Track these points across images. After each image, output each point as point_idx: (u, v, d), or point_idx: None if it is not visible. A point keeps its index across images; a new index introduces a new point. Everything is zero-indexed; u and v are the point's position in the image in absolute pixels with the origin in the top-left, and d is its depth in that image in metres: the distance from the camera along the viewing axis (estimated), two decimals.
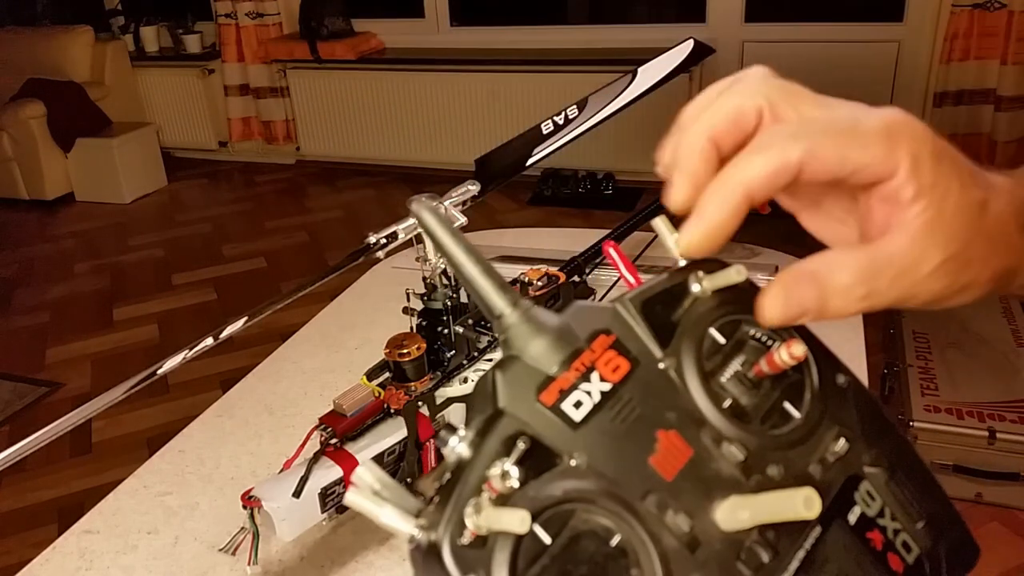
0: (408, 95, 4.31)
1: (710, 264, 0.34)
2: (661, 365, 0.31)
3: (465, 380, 0.89)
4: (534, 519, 0.27)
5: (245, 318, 0.78)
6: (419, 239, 0.87)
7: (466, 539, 0.26)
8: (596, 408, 0.29)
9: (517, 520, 0.26)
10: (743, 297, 0.33)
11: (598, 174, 4.05)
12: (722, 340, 0.33)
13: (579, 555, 0.27)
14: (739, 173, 0.31)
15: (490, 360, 0.91)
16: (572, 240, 1.25)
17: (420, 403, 0.85)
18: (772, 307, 0.31)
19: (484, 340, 0.91)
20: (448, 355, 0.89)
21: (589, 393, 0.30)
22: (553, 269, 1.01)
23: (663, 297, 0.33)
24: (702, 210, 0.31)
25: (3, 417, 2.64)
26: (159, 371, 0.73)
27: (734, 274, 0.33)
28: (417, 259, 0.88)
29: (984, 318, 2.31)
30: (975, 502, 1.98)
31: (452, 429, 0.28)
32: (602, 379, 0.30)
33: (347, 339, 1.31)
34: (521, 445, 0.28)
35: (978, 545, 0.35)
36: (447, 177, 1.65)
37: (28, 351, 3.05)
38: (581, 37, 4.19)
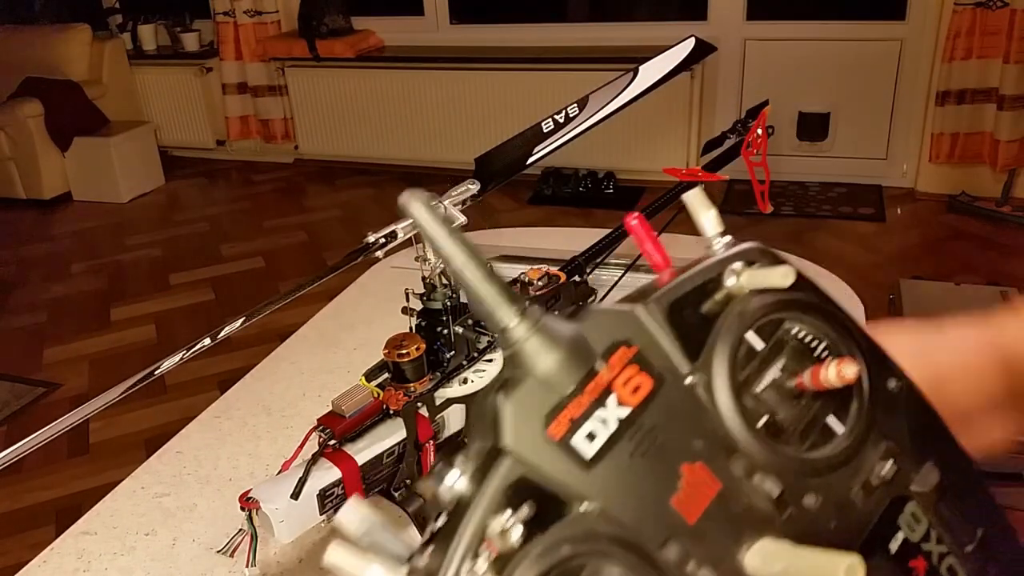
0: (407, 93, 4.30)
1: (751, 253, 0.30)
2: (688, 381, 0.27)
3: (465, 381, 0.88)
4: None
5: (243, 318, 0.77)
6: (418, 238, 0.86)
7: None
8: (612, 440, 0.26)
9: None
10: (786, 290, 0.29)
11: (599, 173, 4.04)
12: (759, 345, 0.29)
13: None
14: None
15: (490, 360, 0.90)
16: (572, 239, 1.25)
17: (419, 404, 0.84)
18: None
19: (484, 340, 0.91)
20: (448, 355, 0.88)
21: (604, 421, 0.26)
22: (553, 269, 1.00)
23: (693, 297, 0.28)
24: None
25: (1, 418, 2.63)
26: (157, 371, 0.72)
27: (779, 277, 0.28)
28: (416, 259, 0.87)
29: None
30: None
31: (448, 463, 0.25)
32: (620, 403, 0.26)
33: (346, 339, 1.30)
34: (526, 509, 0.24)
35: None
36: (447, 176, 1.64)
37: (25, 351, 3.04)
38: (582, 35, 4.18)
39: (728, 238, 0.30)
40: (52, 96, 4.36)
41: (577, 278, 1.02)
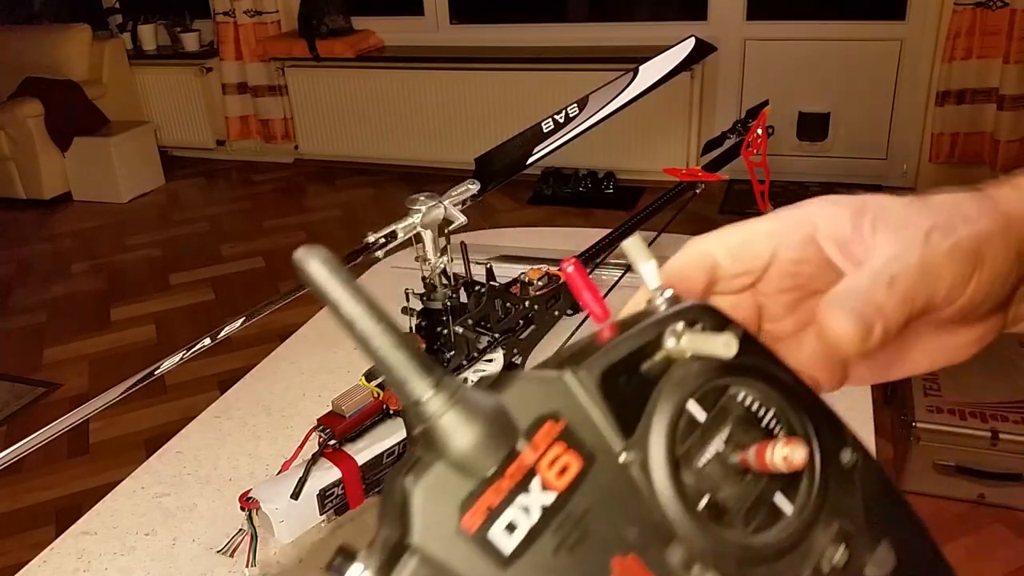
0: (407, 93, 4.30)
1: (693, 312, 0.27)
2: (622, 459, 0.25)
3: (465, 381, 0.88)
4: None
5: (243, 318, 0.77)
6: (418, 239, 0.86)
7: None
8: (535, 531, 0.23)
9: None
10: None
11: (599, 173, 4.04)
12: (701, 415, 0.26)
13: None
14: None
15: (490, 360, 0.90)
16: (572, 239, 1.25)
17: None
18: (847, 331, 0.27)
19: (484, 340, 0.91)
20: (448, 355, 0.88)
21: (527, 509, 0.23)
22: (553, 269, 1.00)
23: (630, 362, 0.26)
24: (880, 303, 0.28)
25: (1, 418, 2.63)
26: (157, 371, 0.72)
27: (721, 346, 0.25)
28: (416, 259, 0.87)
29: None
30: (978, 503, 1.97)
31: (350, 556, 0.22)
32: (544, 487, 0.23)
33: (346, 339, 1.29)
34: None
35: None
36: (447, 176, 1.64)
37: (25, 351, 3.04)
38: (581, 35, 4.18)
39: (670, 293, 0.28)
40: (52, 96, 4.36)
41: None
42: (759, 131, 1.27)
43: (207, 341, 0.74)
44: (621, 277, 1.20)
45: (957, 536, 1.90)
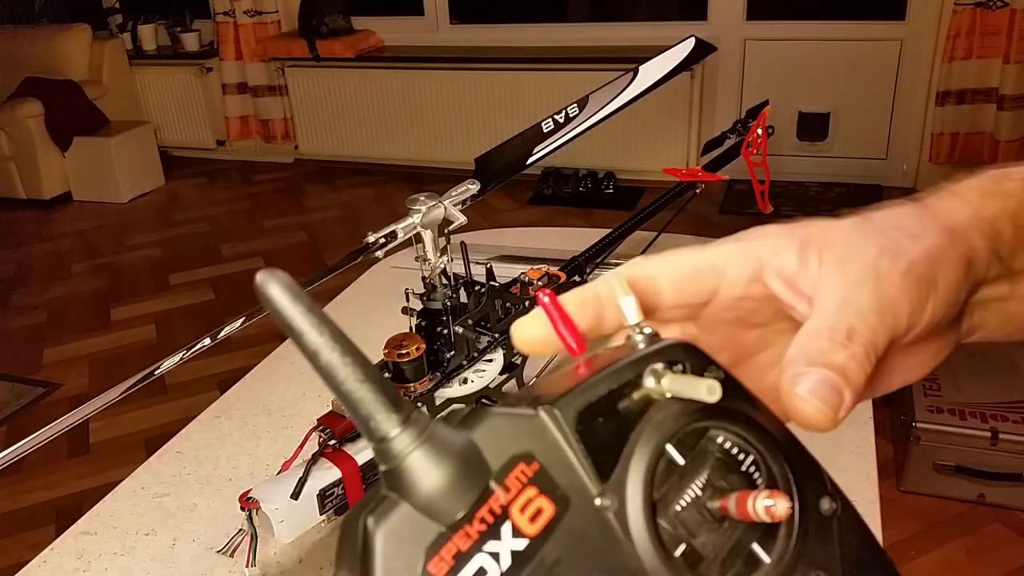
0: (407, 93, 4.30)
1: (674, 351, 0.26)
2: (598, 503, 0.24)
3: (465, 381, 0.88)
4: None
5: (243, 318, 0.77)
6: (418, 239, 0.86)
7: None
8: None
9: None
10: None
11: (599, 173, 4.05)
12: (680, 459, 0.25)
13: None
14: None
15: (490, 360, 0.90)
16: (572, 239, 1.25)
17: (419, 404, 0.84)
18: (817, 415, 0.27)
19: (484, 340, 0.91)
20: (448, 355, 0.88)
21: (496, 556, 0.22)
22: (553, 269, 1.00)
23: (607, 402, 0.25)
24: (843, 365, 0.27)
25: (1, 418, 2.63)
26: (157, 371, 0.72)
27: (705, 391, 0.24)
28: (416, 259, 0.87)
29: None
30: (977, 503, 1.97)
31: None
32: (516, 533, 0.22)
33: None
34: None
35: None
36: (447, 176, 1.64)
37: (25, 351, 3.04)
38: (581, 35, 4.18)
39: (649, 330, 0.27)
40: (52, 96, 4.36)
41: (577, 278, 1.02)
42: (759, 131, 1.27)
43: (207, 341, 0.74)
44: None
45: (957, 536, 1.90)
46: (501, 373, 0.92)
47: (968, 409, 1.97)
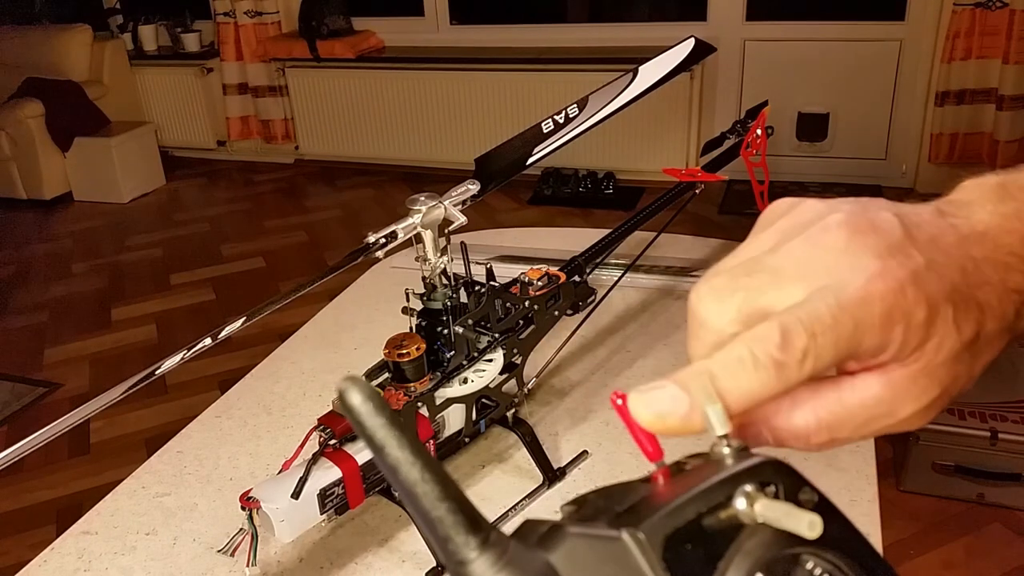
0: (408, 94, 4.30)
1: (765, 471, 0.24)
2: None
3: (465, 380, 0.88)
4: None
5: (244, 318, 0.77)
6: (418, 239, 0.86)
7: None
8: None
9: None
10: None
11: (599, 173, 4.05)
12: None
13: None
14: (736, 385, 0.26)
15: (490, 360, 0.91)
16: (572, 240, 1.25)
17: (420, 404, 0.84)
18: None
19: (484, 340, 0.91)
20: (448, 355, 0.88)
21: None
22: (553, 269, 1.00)
23: (695, 527, 0.23)
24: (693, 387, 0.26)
25: (1, 418, 2.63)
26: (157, 371, 0.72)
27: (805, 527, 0.22)
28: (416, 259, 0.88)
29: None
30: (977, 503, 1.97)
31: None
32: None
33: (346, 339, 1.30)
34: None
35: None
36: (447, 176, 1.65)
37: (26, 351, 3.04)
38: (581, 36, 4.18)
39: (736, 444, 0.25)
40: (53, 96, 4.37)
41: (577, 278, 1.02)
42: (758, 131, 1.27)
43: (208, 341, 0.75)
44: (621, 277, 1.20)
45: (957, 536, 1.90)
46: (501, 373, 0.92)
47: (967, 409, 1.97)
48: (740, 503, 0.23)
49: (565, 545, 0.22)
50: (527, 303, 0.94)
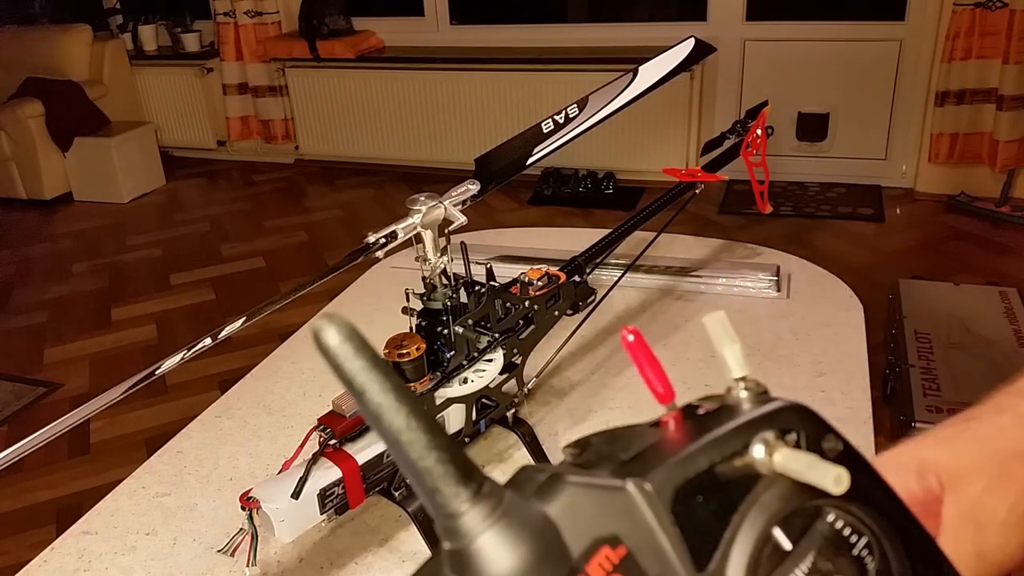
0: (408, 94, 4.30)
1: (787, 417, 0.22)
2: None
3: (465, 380, 0.88)
4: None
5: (244, 318, 0.77)
6: (418, 239, 0.86)
7: None
8: None
9: None
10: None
11: (599, 173, 4.05)
12: (788, 545, 0.22)
13: None
14: None
15: (490, 360, 0.91)
16: (572, 240, 1.25)
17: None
18: None
19: (484, 340, 0.91)
20: (448, 355, 0.88)
21: None
22: (553, 269, 1.00)
23: (708, 477, 0.21)
24: None
25: (1, 418, 2.63)
26: (157, 371, 0.72)
27: (832, 482, 0.20)
28: (416, 259, 0.88)
29: (986, 319, 2.31)
30: None
31: None
32: None
33: None
34: None
35: None
36: (447, 176, 1.65)
37: (26, 351, 3.04)
38: (581, 36, 4.18)
39: (755, 385, 0.23)
40: (53, 96, 4.37)
41: (577, 278, 1.02)
42: (758, 131, 1.27)
43: (208, 341, 0.75)
44: (621, 277, 1.20)
45: None
46: (501, 373, 0.92)
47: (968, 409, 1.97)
48: (758, 451, 0.22)
49: (565, 496, 0.20)
50: (527, 303, 0.94)
